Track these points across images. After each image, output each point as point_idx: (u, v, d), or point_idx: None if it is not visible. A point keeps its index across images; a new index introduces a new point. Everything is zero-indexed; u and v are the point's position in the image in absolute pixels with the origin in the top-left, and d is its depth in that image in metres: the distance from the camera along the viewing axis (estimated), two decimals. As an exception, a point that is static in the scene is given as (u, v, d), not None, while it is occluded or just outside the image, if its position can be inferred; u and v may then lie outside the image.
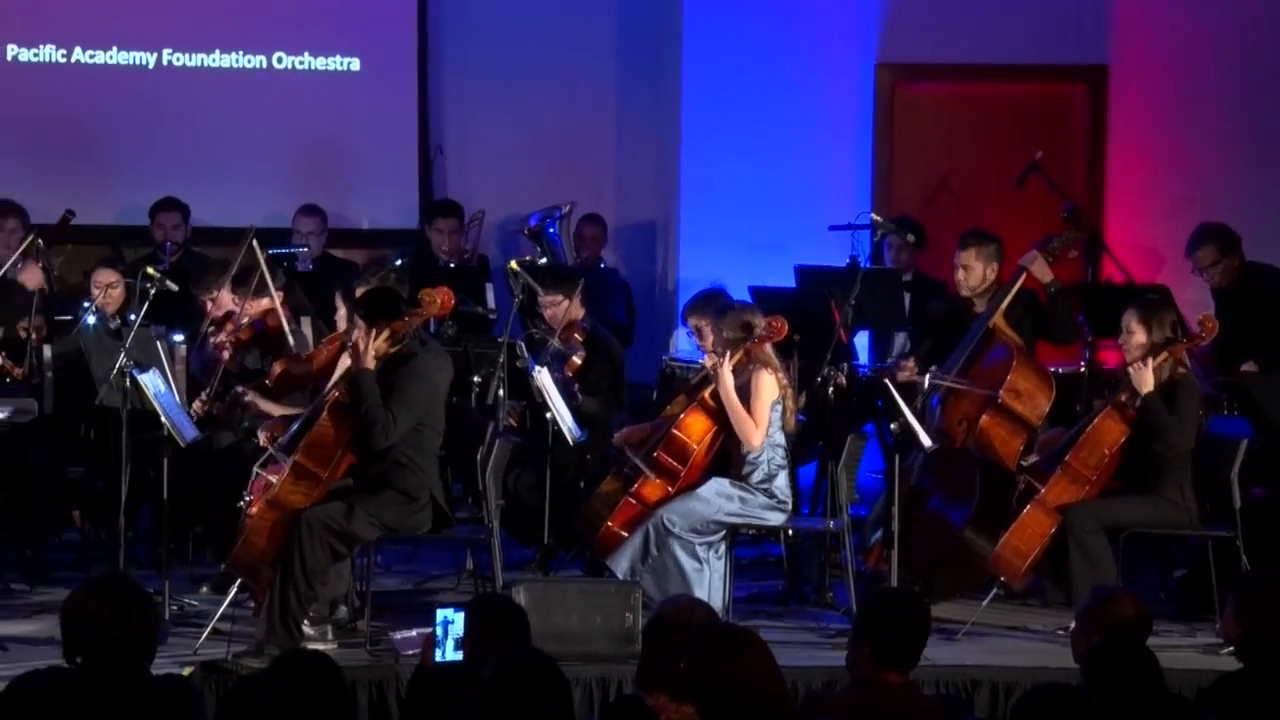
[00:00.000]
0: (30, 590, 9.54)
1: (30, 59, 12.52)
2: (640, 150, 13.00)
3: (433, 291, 8.67)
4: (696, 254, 12.46)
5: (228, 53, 12.70)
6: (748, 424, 8.99)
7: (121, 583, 5.37)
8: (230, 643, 8.24)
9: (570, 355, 10.07)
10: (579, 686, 7.93)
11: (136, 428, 9.12)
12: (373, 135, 12.86)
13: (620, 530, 9.11)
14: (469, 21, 12.90)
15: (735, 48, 12.45)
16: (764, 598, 9.59)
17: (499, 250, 12.66)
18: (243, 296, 9.84)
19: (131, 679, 5.24)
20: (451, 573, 9.93)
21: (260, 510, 8.33)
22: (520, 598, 7.98)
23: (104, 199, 12.27)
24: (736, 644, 5.19)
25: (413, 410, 8.39)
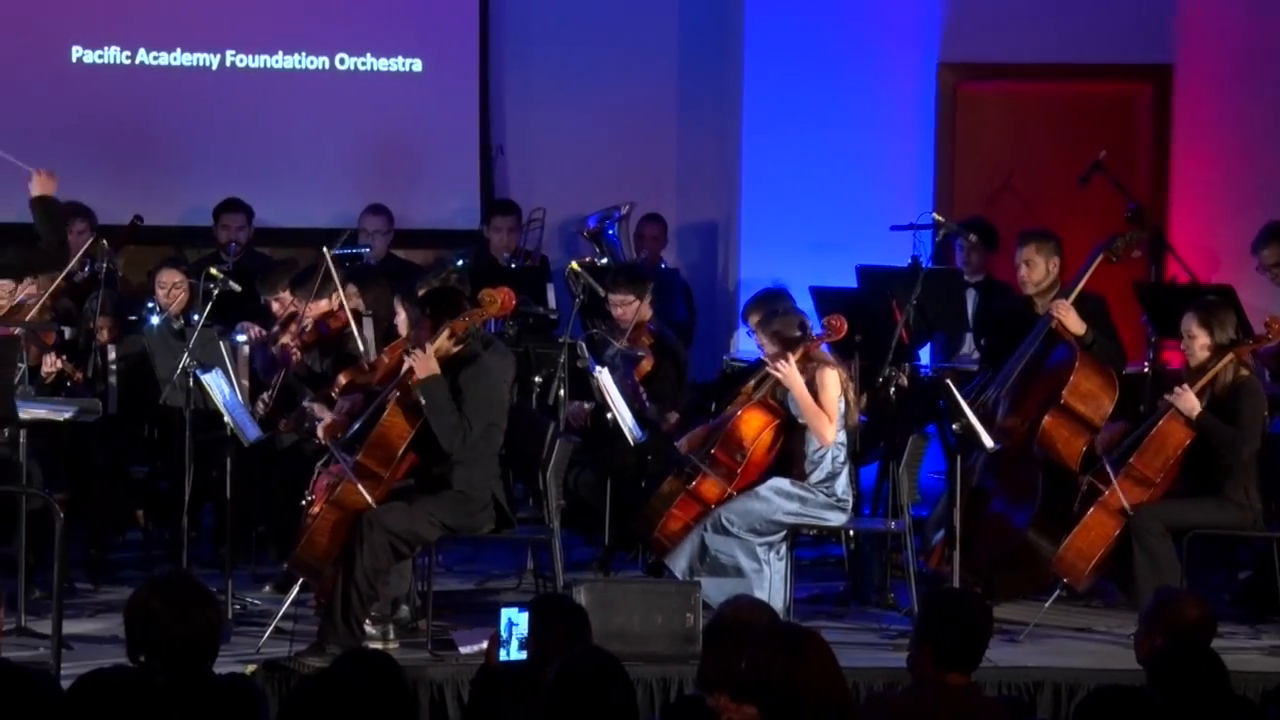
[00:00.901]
0: (95, 589, 9.60)
1: (95, 61, 12.59)
2: (701, 150, 12.98)
3: (494, 291, 8.69)
4: (757, 254, 12.43)
5: (290, 54, 12.75)
6: (820, 419, 8.97)
7: (185, 582, 5.39)
8: (292, 642, 8.27)
9: (639, 359, 10.05)
10: (640, 686, 7.90)
11: (200, 427, 9.17)
12: (434, 135, 12.88)
13: (680, 530, 9.10)
14: (530, 22, 12.91)
15: (797, 47, 12.42)
16: (825, 598, 9.57)
17: (560, 251, 12.67)
18: (302, 299, 9.88)
19: (195, 678, 5.26)
20: (513, 573, 9.95)
21: (323, 510, 8.37)
22: (581, 598, 7.98)
23: (168, 200, 12.32)
24: (799, 643, 5.18)
25: (483, 413, 8.41)
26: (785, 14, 12.46)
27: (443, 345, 8.47)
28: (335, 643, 7.99)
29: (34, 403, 8.96)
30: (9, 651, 6.13)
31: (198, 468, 9.22)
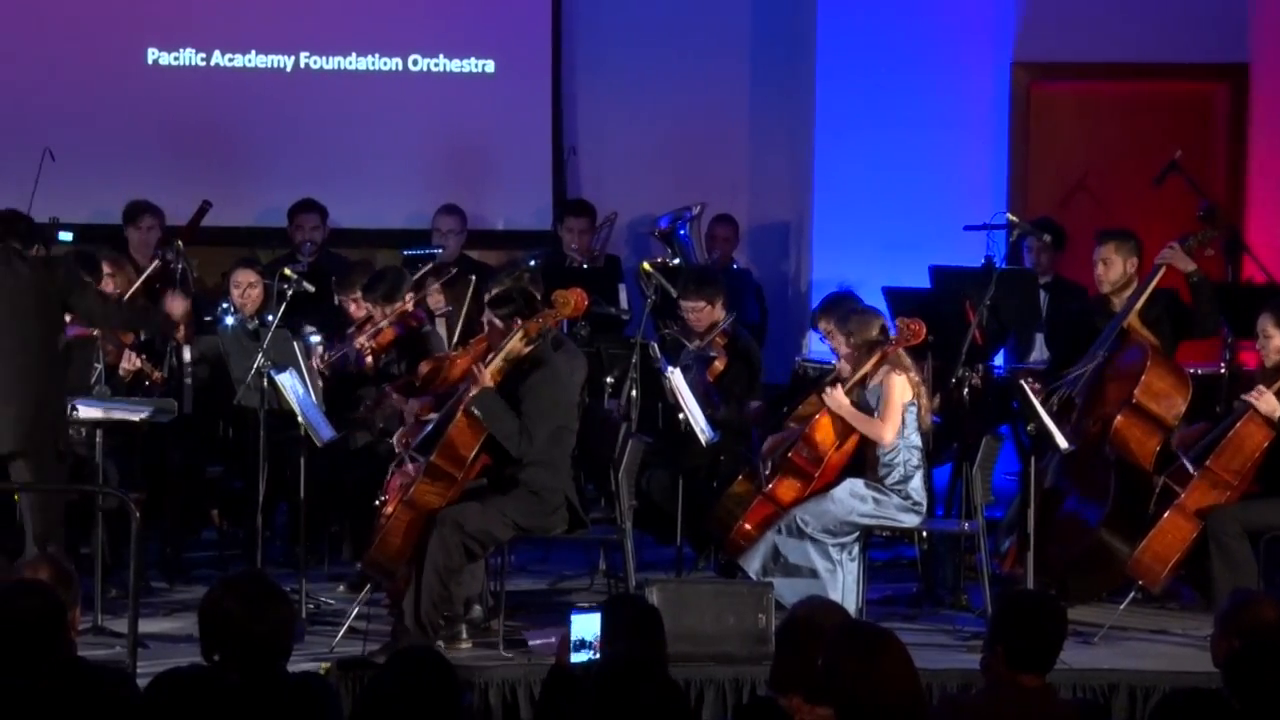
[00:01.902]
0: (170, 588, 9.66)
1: (170, 63, 12.67)
2: (773, 150, 12.96)
3: (566, 292, 8.70)
4: (830, 254, 12.40)
5: (364, 55, 12.79)
6: (872, 426, 8.96)
7: (259, 581, 5.42)
8: (365, 641, 8.30)
9: (712, 360, 10.05)
10: (711, 687, 7.93)
11: (274, 427, 9.21)
12: (507, 136, 12.90)
13: (753, 530, 9.10)
14: (603, 22, 12.92)
15: (869, 47, 12.39)
16: (898, 600, 9.54)
17: (631, 251, 12.67)
18: (374, 303, 9.91)
19: (268, 677, 5.28)
20: (585, 573, 9.96)
21: (396, 510, 8.39)
22: (653, 598, 7.98)
23: (242, 201, 12.39)
24: (875, 644, 5.16)
25: (549, 415, 8.41)
26: (858, 13, 12.42)
27: (514, 346, 8.49)
28: (408, 642, 8.01)
29: (110, 403, 9.02)
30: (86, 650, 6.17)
31: (272, 467, 9.27)
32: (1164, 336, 9.52)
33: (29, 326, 8.47)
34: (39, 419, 8.42)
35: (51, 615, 5.33)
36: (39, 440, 8.42)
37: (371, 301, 9.94)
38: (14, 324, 8.44)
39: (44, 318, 8.54)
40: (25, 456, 8.42)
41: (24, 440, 8.40)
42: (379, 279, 10.02)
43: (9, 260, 8.50)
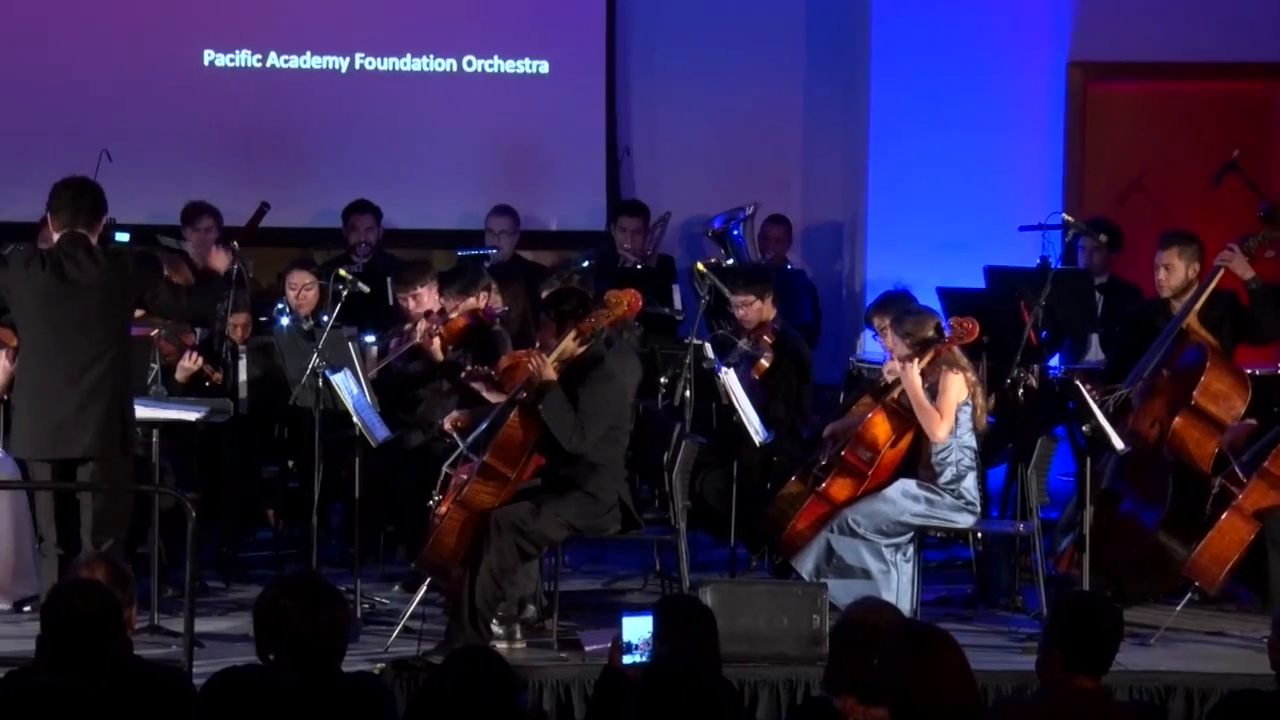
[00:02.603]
0: (226, 588, 9.70)
1: (227, 64, 12.72)
2: (828, 150, 12.95)
3: (620, 293, 8.70)
4: (884, 254, 12.38)
5: (419, 56, 12.82)
6: (932, 416, 8.93)
7: (314, 581, 5.43)
8: (420, 641, 8.32)
9: (758, 357, 10.05)
10: (765, 688, 7.92)
11: (329, 427, 9.24)
12: (561, 137, 12.92)
13: (806, 531, 9.08)
14: (657, 23, 12.92)
15: (924, 46, 12.36)
16: (952, 601, 9.52)
17: (685, 251, 12.67)
18: (449, 296, 9.94)
19: (323, 676, 5.30)
20: (639, 573, 9.96)
21: (450, 510, 8.41)
22: (707, 599, 7.97)
23: (298, 202, 12.42)
24: (931, 643, 5.15)
25: (603, 415, 8.42)
26: (913, 12, 12.40)
27: (568, 347, 8.49)
28: (462, 642, 8.00)
29: (167, 403, 9.06)
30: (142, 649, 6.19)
31: (327, 467, 9.29)
32: (1223, 338, 9.46)
33: (98, 326, 8.34)
34: (110, 421, 8.34)
35: (105, 614, 5.35)
36: (111, 442, 8.34)
37: (447, 295, 9.96)
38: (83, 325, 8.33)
39: (114, 315, 8.42)
40: (97, 459, 8.35)
41: (97, 444, 8.32)
42: (457, 273, 10.07)
43: (75, 255, 8.36)
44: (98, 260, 8.39)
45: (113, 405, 8.36)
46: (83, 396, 8.31)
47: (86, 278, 8.34)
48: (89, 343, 8.34)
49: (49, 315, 8.36)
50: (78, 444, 8.34)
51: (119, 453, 8.40)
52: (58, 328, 8.34)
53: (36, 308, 8.38)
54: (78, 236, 8.41)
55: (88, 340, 8.33)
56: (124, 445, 8.43)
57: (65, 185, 8.51)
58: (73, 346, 8.33)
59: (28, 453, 8.53)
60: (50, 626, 5.34)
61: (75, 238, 8.40)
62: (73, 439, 8.33)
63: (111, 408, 8.35)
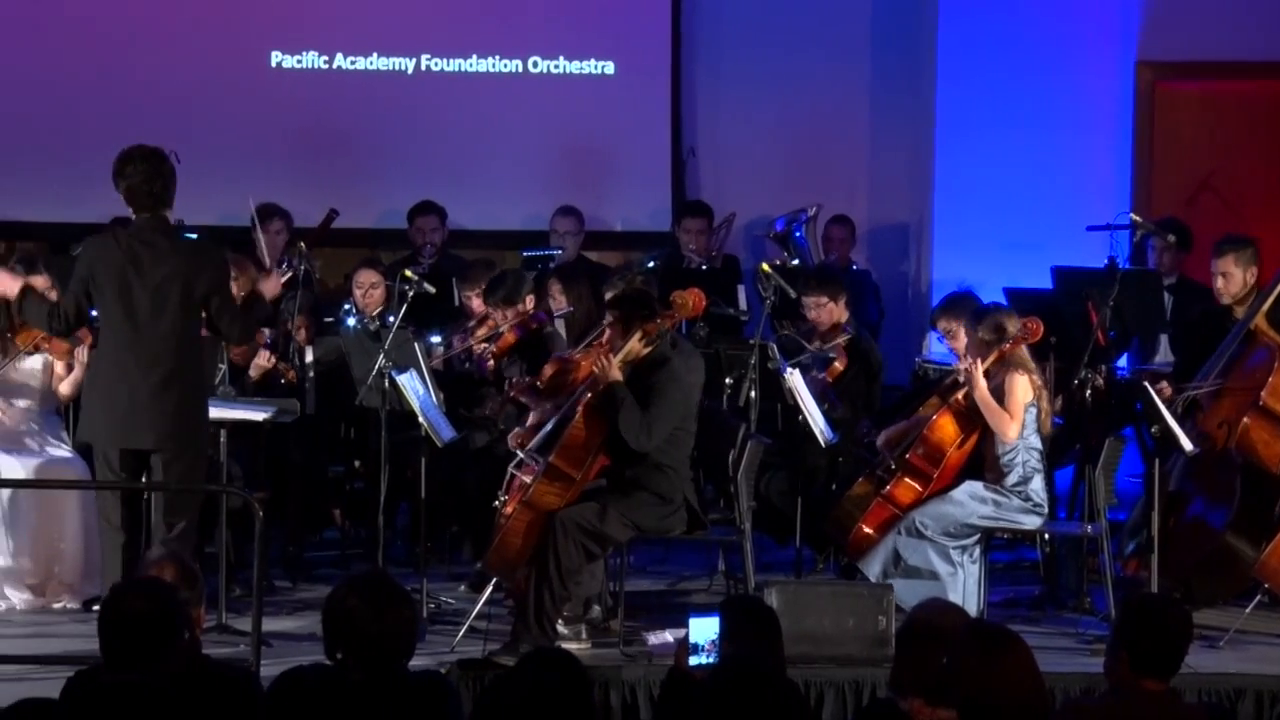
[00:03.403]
0: (293, 587, 9.74)
1: (294, 66, 12.78)
2: (893, 150, 12.91)
3: (685, 293, 8.70)
4: (950, 255, 12.34)
5: (484, 57, 12.85)
6: (1002, 418, 8.89)
7: (382, 581, 5.44)
8: (486, 641, 8.33)
9: (832, 360, 10.03)
10: (831, 690, 7.90)
11: (395, 428, 9.27)
12: (626, 138, 12.93)
13: (872, 532, 9.06)
14: (723, 24, 12.92)
15: (991, 46, 12.31)
16: (1020, 602, 9.48)
17: (750, 252, 12.66)
18: (494, 305, 9.95)
19: (390, 675, 5.31)
20: (704, 574, 9.95)
21: (516, 510, 8.42)
22: (772, 600, 7.96)
23: (363, 202, 12.47)
24: (1000, 644, 5.13)
25: (669, 415, 8.41)
26: (979, 12, 12.36)
27: (633, 348, 8.49)
28: (528, 642, 8.03)
29: (234, 403, 9.10)
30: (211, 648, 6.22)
31: (393, 468, 9.32)
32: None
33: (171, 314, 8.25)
34: (181, 411, 8.28)
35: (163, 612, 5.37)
36: (181, 433, 8.29)
37: (492, 304, 9.98)
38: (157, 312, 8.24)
39: (187, 304, 8.30)
40: (166, 453, 8.30)
41: (166, 436, 8.28)
42: (499, 282, 10.04)
43: (154, 240, 8.27)
44: (176, 248, 8.34)
45: (184, 396, 8.30)
46: (154, 386, 8.24)
47: (163, 264, 8.26)
48: (162, 331, 8.25)
49: (123, 301, 8.28)
50: (147, 435, 8.29)
51: (190, 443, 8.34)
52: (131, 314, 8.26)
53: (112, 294, 8.29)
54: (160, 220, 8.34)
55: (161, 328, 8.25)
56: (195, 436, 8.37)
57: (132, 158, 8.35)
58: (146, 334, 8.25)
59: (98, 441, 8.45)
60: (108, 625, 5.36)
61: (157, 221, 8.34)
62: (143, 429, 8.28)
63: (183, 398, 8.29)
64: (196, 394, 8.43)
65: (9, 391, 9.37)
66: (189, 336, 8.37)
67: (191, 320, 8.36)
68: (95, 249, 8.39)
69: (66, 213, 12.12)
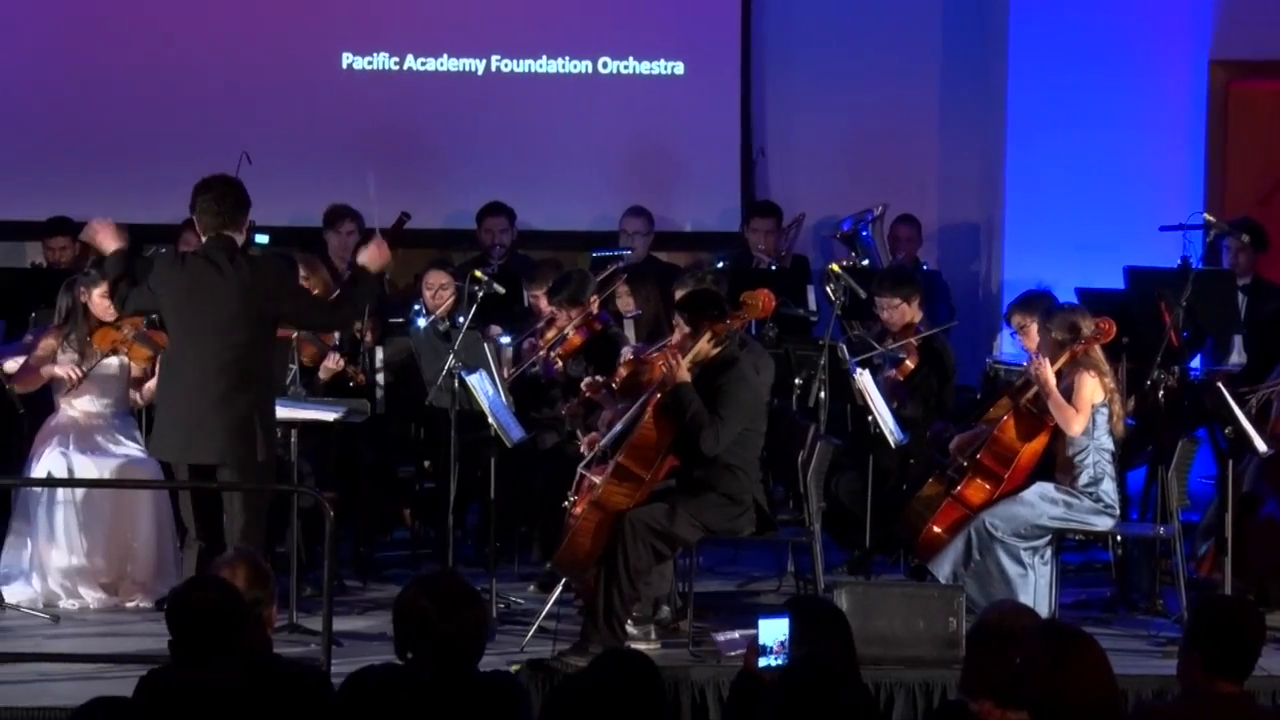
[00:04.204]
0: (363, 587, 9.76)
1: (364, 67, 12.83)
2: (964, 150, 12.87)
3: (754, 294, 8.68)
4: (1022, 255, 12.29)
5: (554, 58, 12.87)
6: (1066, 411, 8.84)
7: (453, 581, 5.45)
8: (555, 641, 8.35)
9: (902, 360, 10.00)
10: (901, 691, 7.88)
11: (465, 428, 9.28)
12: (696, 138, 12.92)
13: (943, 533, 9.03)
14: (792, 24, 12.90)
15: (1062, 45, 12.25)
16: (1091, 604, 9.43)
17: (819, 252, 12.64)
18: (559, 305, 9.96)
19: (460, 675, 5.32)
20: (773, 575, 9.94)
21: (585, 511, 8.42)
22: (842, 601, 7.95)
23: (433, 203, 12.50)
24: (1073, 645, 5.10)
25: (739, 416, 8.40)
26: (1051, 11, 12.30)
27: (703, 348, 8.48)
28: (597, 642, 8.04)
29: (305, 403, 9.14)
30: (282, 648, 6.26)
31: (463, 468, 9.33)
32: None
33: (235, 332, 8.32)
34: (243, 429, 8.31)
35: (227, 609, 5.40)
36: (242, 449, 8.33)
37: (556, 304, 9.99)
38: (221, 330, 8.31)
39: (252, 322, 8.37)
40: (230, 467, 8.35)
41: (227, 453, 8.33)
42: (564, 282, 10.06)
43: (218, 259, 8.35)
44: (240, 267, 8.37)
45: (246, 413, 8.34)
46: (215, 403, 8.30)
47: (227, 283, 8.33)
48: (226, 348, 8.31)
49: (188, 319, 8.38)
50: (208, 450, 8.36)
51: (252, 460, 8.36)
52: (196, 332, 8.35)
53: (178, 311, 8.41)
54: (224, 240, 8.41)
55: (225, 346, 8.32)
56: (257, 453, 8.38)
57: (208, 186, 8.50)
58: (209, 352, 8.32)
59: (165, 455, 8.61)
60: (174, 623, 5.40)
61: (221, 241, 8.41)
62: (203, 445, 8.35)
63: (245, 416, 8.33)
64: (262, 411, 8.45)
65: (86, 393, 9.44)
66: (252, 354, 8.41)
67: (255, 337, 8.41)
68: (162, 269, 8.52)
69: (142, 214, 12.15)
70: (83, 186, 12.41)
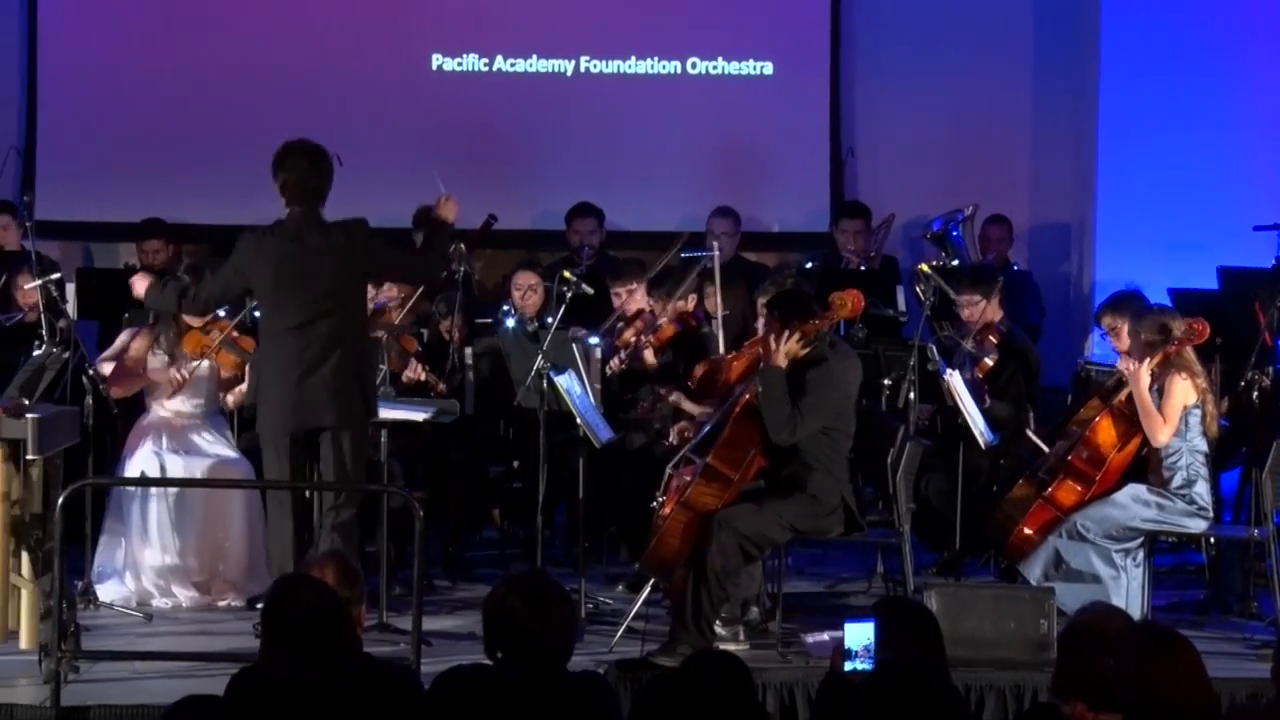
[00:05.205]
0: (452, 587, 9.80)
1: (454, 69, 12.88)
2: (1055, 150, 12.79)
3: (843, 294, 8.66)
4: (1113, 255, 12.21)
5: (643, 59, 12.88)
6: (1155, 420, 8.78)
7: (542, 581, 5.46)
8: (644, 641, 8.34)
9: (981, 358, 9.96)
10: (992, 693, 7.85)
11: (553, 428, 9.30)
12: (785, 138, 12.90)
13: (1033, 535, 8.97)
14: (883, 23, 12.85)
15: (1154, 43, 12.16)
16: (1184, 606, 9.37)
17: (909, 252, 12.59)
18: (658, 299, 9.97)
19: (549, 676, 5.32)
20: (862, 576, 9.91)
21: (673, 511, 8.41)
22: (932, 602, 7.91)
23: (522, 204, 12.53)
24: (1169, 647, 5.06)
25: (819, 412, 8.37)
26: (1143, 10, 12.21)
27: (791, 349, 8.46)
28: (686, 643, 8.04)
29: (395, 404, 9.18)
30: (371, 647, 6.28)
31: (551, 468, 9.36)
32: None
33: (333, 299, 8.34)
34: (350, 391, 8.35)
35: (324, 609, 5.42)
36: (350, 412, 8.35)
37: (656, 297, 10.01)
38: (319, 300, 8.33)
39: (349, 288, 8.43)
40: (341, 429, 8.35)
41: (336, 416, 8.33)
42: (666, 275, 10.09)
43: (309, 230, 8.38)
44: (330, 234, 8.42)
45: (351, 376, 8.38)
46: (322, 370, 8.32)
47: (323, 251, 8.36)
48: (326, 317, 8.35)
49: (285, 293, 8.39)
50: (321, 415, 8.35)
51: (359, 423, 8.43)
52: (293, 305, 8.36)
53: (273, 287, 8.41)
54: (310, 213, 8.44)
55: (324, 315, 8.35)
56: (364, 416, 8.46)
57: (299, 153, 8.49)
58: (309, 322, 8.34)
59: (270, 430, 8.46)
60: (270, 623, 5.42)
61: (307, 215, 8.44)
62: (316, 409, 8.34)
63: (351, 379, 8.37)
64: (363, 377, 8.51)
65: (177, 393, 9.51)
66: (353, 320, 8.48)
67: (354, 304, 8.49)
68: (250, 247, 8.52)
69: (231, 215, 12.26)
70: (175, 188, 12.50)
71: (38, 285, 9.58)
